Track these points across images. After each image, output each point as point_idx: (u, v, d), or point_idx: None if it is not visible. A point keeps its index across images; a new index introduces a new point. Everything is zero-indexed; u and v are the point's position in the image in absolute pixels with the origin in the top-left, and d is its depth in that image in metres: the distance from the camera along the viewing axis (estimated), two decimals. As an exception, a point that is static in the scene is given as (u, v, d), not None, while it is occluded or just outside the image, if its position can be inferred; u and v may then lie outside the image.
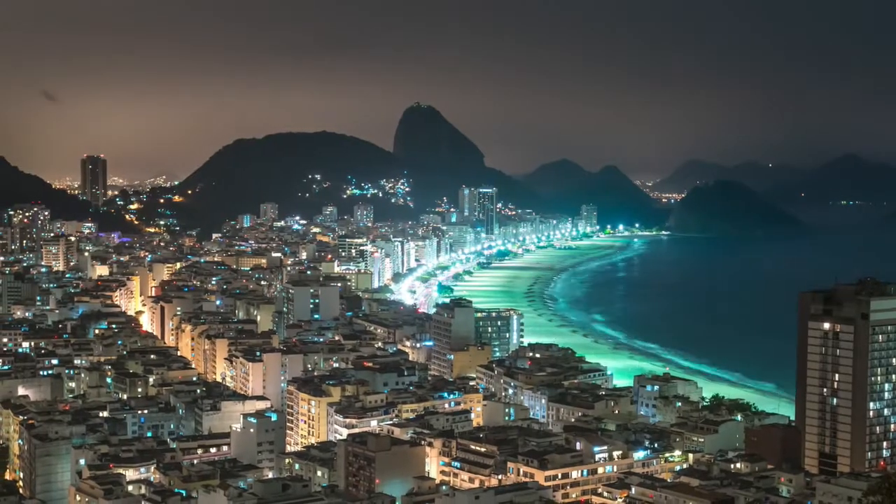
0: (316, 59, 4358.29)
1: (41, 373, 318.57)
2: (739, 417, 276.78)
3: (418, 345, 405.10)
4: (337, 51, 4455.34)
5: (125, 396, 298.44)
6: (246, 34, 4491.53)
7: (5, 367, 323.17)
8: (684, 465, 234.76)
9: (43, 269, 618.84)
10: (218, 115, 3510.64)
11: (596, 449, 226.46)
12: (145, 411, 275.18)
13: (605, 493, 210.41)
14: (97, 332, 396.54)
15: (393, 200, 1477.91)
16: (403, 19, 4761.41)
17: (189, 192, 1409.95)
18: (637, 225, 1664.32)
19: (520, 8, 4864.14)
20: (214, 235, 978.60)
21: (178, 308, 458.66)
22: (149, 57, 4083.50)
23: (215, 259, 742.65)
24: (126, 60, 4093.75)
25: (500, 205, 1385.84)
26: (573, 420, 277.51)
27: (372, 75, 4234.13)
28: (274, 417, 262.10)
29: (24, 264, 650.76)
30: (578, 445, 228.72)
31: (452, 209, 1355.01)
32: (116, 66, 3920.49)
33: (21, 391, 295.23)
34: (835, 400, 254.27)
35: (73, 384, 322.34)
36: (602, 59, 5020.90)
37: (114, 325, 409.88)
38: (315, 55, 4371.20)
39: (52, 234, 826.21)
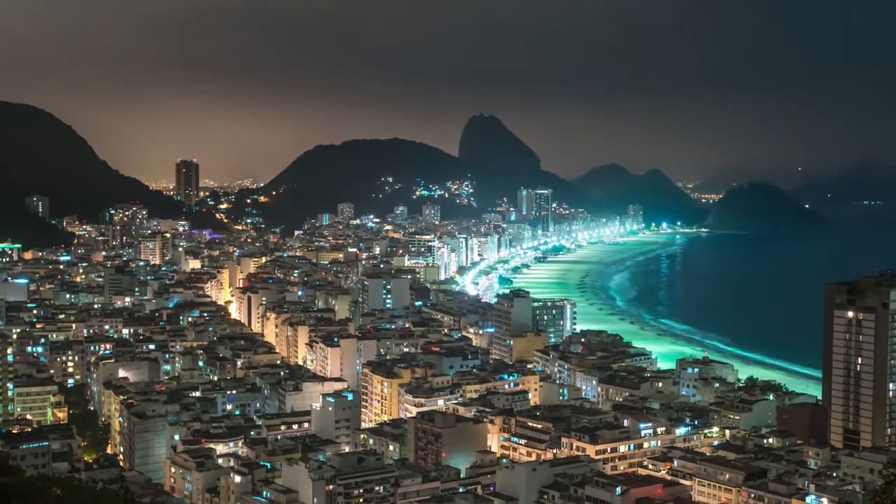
0: (388, 75, 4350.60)
1: (139, 357, 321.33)
2: (772, 397, 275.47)
3: (481, 331, 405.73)
4: (409, 69, 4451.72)
5: (216, 378, 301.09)
6: (320, 55, 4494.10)
7: (107, 352, 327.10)
8: (722, 441, 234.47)
9: (141, 263, 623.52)
10: (300, 125, 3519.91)
11: (642, 426, 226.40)
12: (234, 391, 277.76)
13: (650, 466, 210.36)
14: (190, 319, 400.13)
15: (458, 201, 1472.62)
16: (470, 41, 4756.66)
17: (273, 193, 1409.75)
18: (679, 223, 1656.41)
19: (567, 29, 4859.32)
20: (296, 232, 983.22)
21: (264, 298, 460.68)
22: (238, 73, 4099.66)
23: (297, 254, 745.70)
24: (218, 77, 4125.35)
25: (554, 205, 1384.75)
26: (621, 399, 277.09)
27: (439, 89, 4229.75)
28: (350, 397, 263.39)
29: (124, 258, 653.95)
30: (626, 422, 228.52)
31: (512, 209, 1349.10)
32: (208, 81, 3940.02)
33: (121, 373, 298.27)
34: (858, 381, 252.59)
35: (168, 367, 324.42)
36: (647, 74, 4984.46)
37: (205, 314, 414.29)
38: (388, 72, 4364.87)
39: (149, 231, 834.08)
